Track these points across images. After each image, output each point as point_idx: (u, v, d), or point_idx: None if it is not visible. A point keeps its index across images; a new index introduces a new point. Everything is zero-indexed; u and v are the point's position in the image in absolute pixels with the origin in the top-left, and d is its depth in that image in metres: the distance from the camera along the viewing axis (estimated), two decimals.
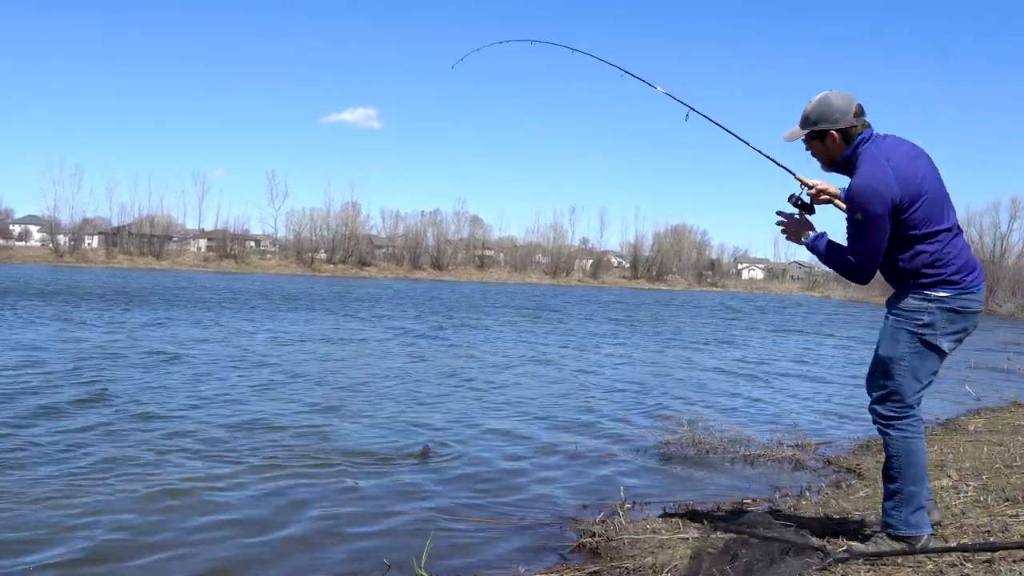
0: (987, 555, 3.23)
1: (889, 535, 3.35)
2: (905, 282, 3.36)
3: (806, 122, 3.41)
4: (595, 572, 3.61)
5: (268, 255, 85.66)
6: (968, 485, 4.73)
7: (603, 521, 4.28)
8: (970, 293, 3.31)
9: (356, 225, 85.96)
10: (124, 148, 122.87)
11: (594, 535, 4.07)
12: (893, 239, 3.28)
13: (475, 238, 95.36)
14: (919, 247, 3.28)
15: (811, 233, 3.54)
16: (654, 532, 4.03)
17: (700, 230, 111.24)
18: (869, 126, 3.36)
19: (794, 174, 3.65)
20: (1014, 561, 3.14)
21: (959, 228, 3.40)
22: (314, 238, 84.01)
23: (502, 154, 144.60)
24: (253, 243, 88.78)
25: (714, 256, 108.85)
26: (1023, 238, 61.70)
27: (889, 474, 3.39)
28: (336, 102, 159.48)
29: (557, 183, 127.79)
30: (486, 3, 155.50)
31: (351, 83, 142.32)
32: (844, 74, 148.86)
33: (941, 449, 6.40)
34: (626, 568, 3.59)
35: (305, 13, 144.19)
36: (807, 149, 3.48)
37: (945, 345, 3.33)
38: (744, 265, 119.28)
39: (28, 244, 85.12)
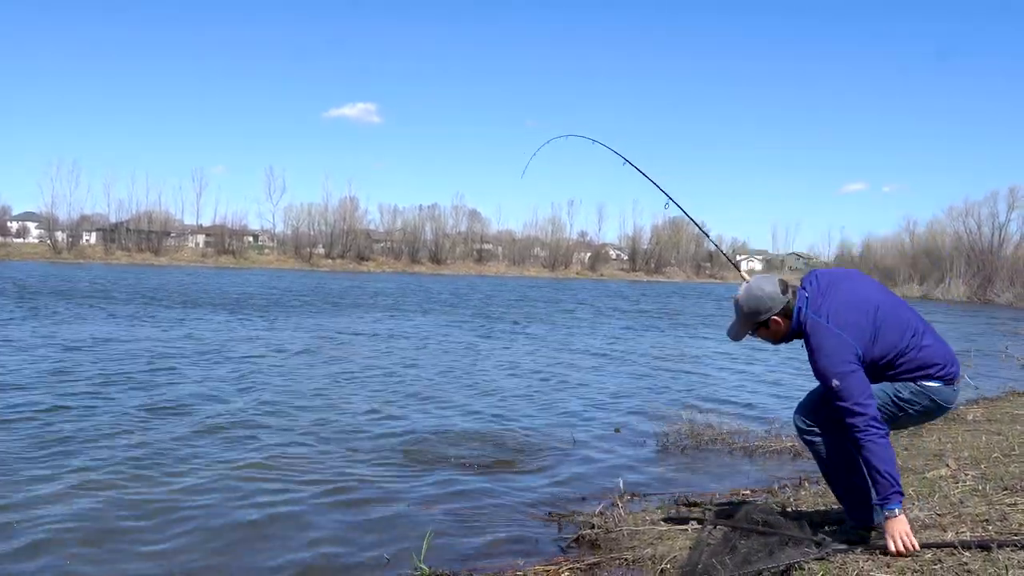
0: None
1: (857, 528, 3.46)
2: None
3: (747, 317, 3.54)
4: (594, 563, 3.61)
5: (266, 250, 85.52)
6: (967, 474, 4.74)
7: (602, 513, 4.29)
8: (937, 387, 3.39)
9: (354, 220, 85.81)
10: (122, 144, 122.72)
11: (593, 527, 4.07)
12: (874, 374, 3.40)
13: (473, 232, 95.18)
14: (896, 361, 3.38)
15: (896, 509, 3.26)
16: (653, 524, 4.03)
17: (698, 222, 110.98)
18: (796, 294, 3.50)
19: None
20: (1012, 550, 3.14)
21: (928, 332, 3.45)
22: (312, 233, 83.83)
23: (500, 148, 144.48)
24: (251, 238, 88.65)
25: (712, 248, 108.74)
26: (1021, 228, 61.25)
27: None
28: (336, 97, 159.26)
29: (555, 177, 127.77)
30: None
31: (351, 78, 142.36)
32: (841, 62, 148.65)
33: (939, 439, 6.40)
34: (625, 559, 3.59)
35: (305, 9, 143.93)
36: (754, 336, 3.62)
37: (908, 413, 3.44)
38: (743, 257, 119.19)
39: (26, 241, 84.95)
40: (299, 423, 6.81)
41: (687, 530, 3.87)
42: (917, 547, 3.18)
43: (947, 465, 5.08)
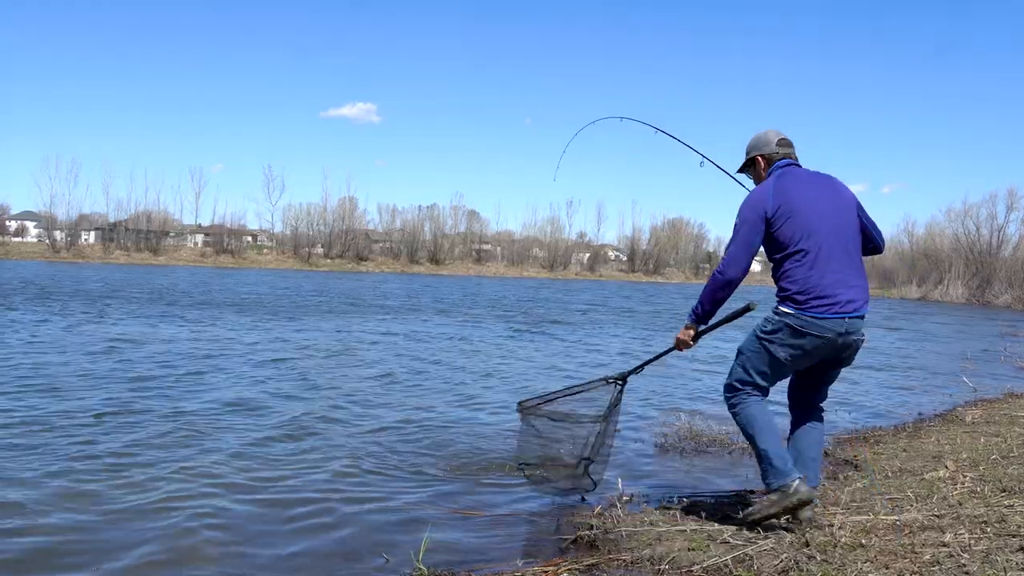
0: (983, 546, 3.23)
1: (767, 491, 3.83)
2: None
3: (746, 152, 4.16)
4: (593, 565, 3.61)
5: (265, 250, 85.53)
6: (965, 476, 4.75)
7: (601, 514, 4.29)
8: (811, 317, 3.69)
9: (353, 220, 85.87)
10: (121, 143, 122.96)
11: (592, 528, 4.07)
12: (770, 252, 3.87)
13: (472, 232, 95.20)
14: (782, 262, 3.80)
15: (689, 320, 4.08)
16: (652, 525, 4.03)
17: (697, 223, 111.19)
18: (792, 158, 4.01)
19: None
20: (1011, 551, 3.15)
21: (847, 258, 3.80)
22: (311, 233, 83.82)
23: (499, 149, 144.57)
24: (250, 238, 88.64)
25: (711, 249, 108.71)
26: (1020, 229, 61.27)
27: (749, 443, 3.98)
28: (336, 97, 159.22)
29: (552, 177, 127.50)
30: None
31: (351, 78, 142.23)
32: (840, 62, 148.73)
33: (938, 440, 6.42)
34: (624, 560, 3.59)
35: (305, 8, 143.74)
36: (750, 176, 4.19)
37: (780, 354, 3.80)
38: None
39: (24, 240, 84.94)
40: (298, 421, 6.80)
41: (686, 531, 3.87)
42: (690, 343, 4.10)
43: (946, 467, 5.08)
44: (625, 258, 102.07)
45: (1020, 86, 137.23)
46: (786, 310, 3.75)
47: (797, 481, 3.70)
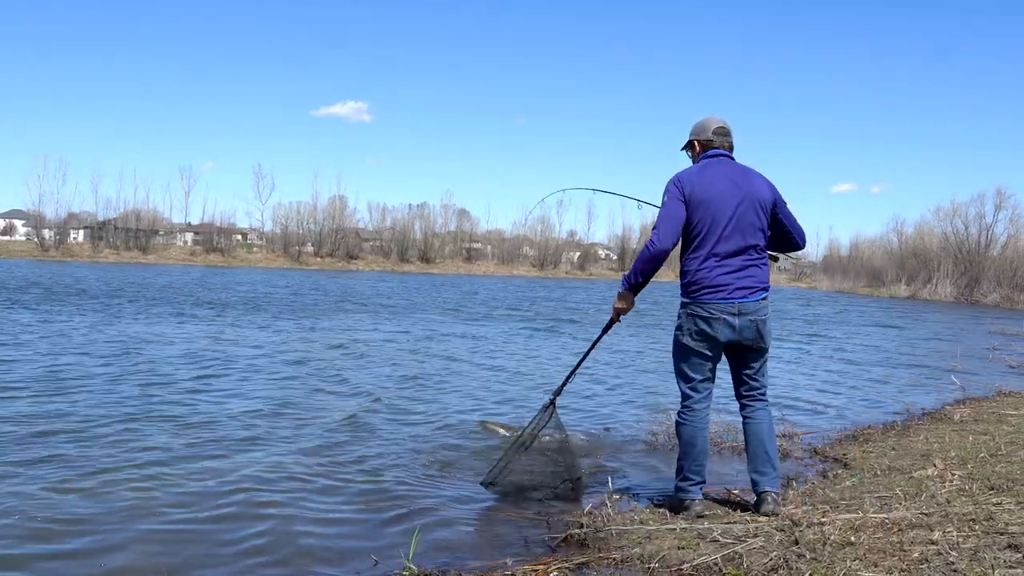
0: (972, 544, 3.25)
1: (669, 494, 4.41)
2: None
3: (690, 133, 4.41)
4: (583, 563, 3.61)
5: (255, 249, 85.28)
6: (954, 474, 4.77)
7: (591, 512, 4.28)
8: (704, 302, 4.06)
9: (343, 218, 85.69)
10: (110, 141, 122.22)
11: (582, 526, 4.06)
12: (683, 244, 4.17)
13: (463, 231, 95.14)
14: (687, 254, 4.15)
15: (623, 287, 4.31)
16: (642, 523, 4.03)
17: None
18: (726, 148, 4.27)
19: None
20: (999, 549, 3.16)
21: (742, 256, 4.08)
22: (301, 232, 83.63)
23: (490, 148, 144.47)
24: (240, 237, 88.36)
25: None
26: (1008, 228, 61.49)
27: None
28: (328, 95, 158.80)
29: (545, 177, 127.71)
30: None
31: (343, 77, 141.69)
32: (829, 63, 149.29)
33: (927, 438, 6.44)
34: (614, 559, 3.59)
35: (298, 6, 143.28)
36: (690, 156, 4.43)
37: (688, 342, 4.15)
38: None
39: (13, 238, 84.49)
40: (295, 420, 6.78)
41: (676, 529, 3.88)
42: (623, 313, 4.36)
43: (934, 465, 5.10)
44: (616, 257, 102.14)
45: (1009, 86, 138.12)
46: (684, 300, 4.18)
47: (692, 501, 4.23)
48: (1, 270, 39.80)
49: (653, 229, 4.09)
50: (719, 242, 4.03)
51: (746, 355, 4.21)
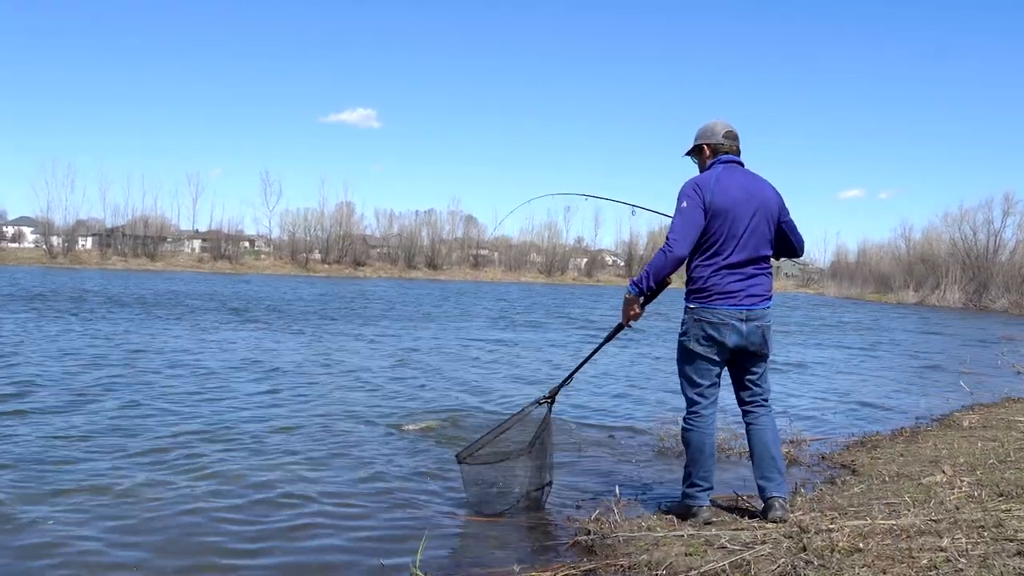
0: (981, 551, 3.23)
1: (676, 501, 4.42)
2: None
3: (694, 138, 4.35)
4: (590, 570, 3.60)
5: (262, 255, 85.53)
6: (962, 480, 4.74)
7: (598, 519, 4.28)
8: (713, 308, 4.03)
9: (351, 225, 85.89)
10: (118, 148, 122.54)
11: (589, 533, 4.06)
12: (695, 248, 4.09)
13: (470, 237, 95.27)
14: (698, 260, 4.08)
15: (632, 292, 4.19)
16: (649, 530, 4.02)
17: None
18: (735, 152, 4.23)
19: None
20: (1008, 556, 3.14)
21: (754, 265, 4.09)
22: (308, 238, 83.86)
23: (497, 154, 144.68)
24: (247, 244, 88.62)
25: None
26: (1016, 234, 61.21)
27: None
28: (337, 102, 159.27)
29: (552, 183, 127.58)
30: (486, 4, 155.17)
31: (352, 83, 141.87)
32: (837, 68, 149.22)
33: (935, 444, 6.42)
34: (621, 566, 3.59)
35: (305, 13, 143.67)
36: (695, 161, 4.38)
37: (696, 347, 4.10)
38: None
39: (21, 245, 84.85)
40: (295, 420, 6.79)
41: (683, 536, 3.87)
42: (633, 319, 4.26)
43: (943, 471, 5.08)
44: (623, 263, 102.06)
45: (1016, 90, 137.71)
46: (691, 305, 4.12)
47: (700, 507, 4.21)
48: (8, 277, 39.95)
49: (669, 233, 4.04)
50: (734, 252, 4.04)
51: (750, 361, 4.21)
